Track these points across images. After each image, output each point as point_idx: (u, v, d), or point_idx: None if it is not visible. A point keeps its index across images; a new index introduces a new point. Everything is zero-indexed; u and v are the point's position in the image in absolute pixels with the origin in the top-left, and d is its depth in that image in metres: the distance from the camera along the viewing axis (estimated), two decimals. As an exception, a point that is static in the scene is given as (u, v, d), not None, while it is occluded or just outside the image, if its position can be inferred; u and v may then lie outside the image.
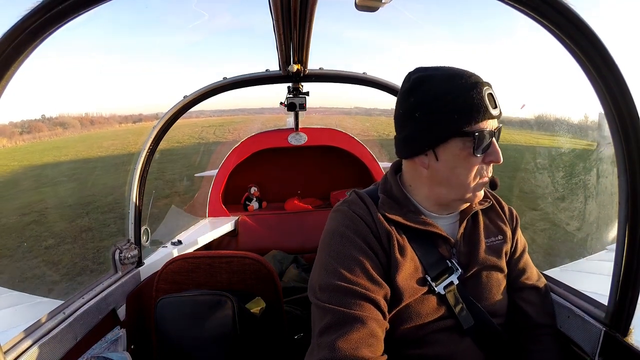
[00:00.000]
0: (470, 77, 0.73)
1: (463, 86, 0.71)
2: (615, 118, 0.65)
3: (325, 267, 0.72)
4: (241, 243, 2.31)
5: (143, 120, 48.62)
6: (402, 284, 0.73)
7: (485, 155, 0.74)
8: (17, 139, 32.31)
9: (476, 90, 0.71)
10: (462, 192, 0.77)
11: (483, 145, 0.72)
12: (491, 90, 0.73)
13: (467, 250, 0.81)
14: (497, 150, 0.74)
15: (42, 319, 0.96)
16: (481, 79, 0.73)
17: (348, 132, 2.64)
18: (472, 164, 0.74)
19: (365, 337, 0.64)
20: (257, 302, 1.20)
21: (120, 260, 1.33)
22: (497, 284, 0.81)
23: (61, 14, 0.54)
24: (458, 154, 0.73)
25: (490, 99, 0.72)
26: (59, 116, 44.73)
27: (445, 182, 0.76)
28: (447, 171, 0.75)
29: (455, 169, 0.74)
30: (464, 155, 0.73)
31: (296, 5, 0.80)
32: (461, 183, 0.75)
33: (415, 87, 0.75)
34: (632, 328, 0.76)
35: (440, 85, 0.73)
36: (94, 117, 48.05)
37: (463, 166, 0.74)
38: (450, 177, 0.75)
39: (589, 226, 5.38)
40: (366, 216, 0.77)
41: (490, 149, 0.74)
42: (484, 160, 0.74)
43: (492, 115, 0.72)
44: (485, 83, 0.73)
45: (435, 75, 0.74)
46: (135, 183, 1.40)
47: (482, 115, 0.71)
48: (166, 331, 1.14)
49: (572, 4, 0.60)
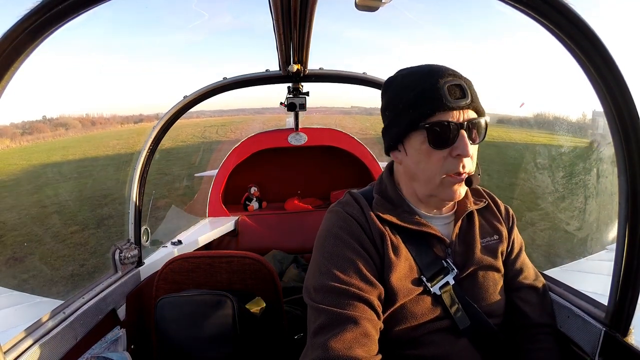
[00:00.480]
0: (431, 71, 0.73)
1: (420, 80, 0.72)
2: (616, 118, 0.65)
3: (319, 268, 0.73)
4: (241, 243, 2.31)
5: (144, 120, 48.63)
6: (396, 284, 0.73)
7: (452, 149, 0.71)
8: (20, 140, 32.35)
9: (432, 82, 0.70)
10: (431, 188, 0.76)
11: (441, 138, 0.70)
12: (458, 82, 0.71)
13: (463, 250, 0.81)
14: (464, 143, 0.70)
15: (42, 319, 0.96)
16: (445, 71, 0.72)
17: (348, 132, 2.65)
18: (433, 157, 0.72)
19: (359, 336, 0.64)
20: (257, 302, 1.20)
21: (120, 260, 1.33)
22: (493, 284, 0.81)
23: (61, 14, 0.54)
24: (419, 147, 0.73)
25: (452, 90, 0.70)
26: (60, 117, 44.79)
27: (415, 177, 0.77)
28: (414, 166, 0.76)
29: (419, 164, 0.75)
30: (425, 149, 0.72)
31: (296, 5, 0.80)
32: (427, 178, 0.75)
33: (386, 87, 0.80)
34: (632, 328, 0.76)
35: (402, 82, 0.76)
36: (95, 118, 48.12)
37: (425, 160, 0.73)
38: (417, 172, 0.76)
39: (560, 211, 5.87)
40: (359, 217, 0.77)
41: (456, 142, 0.70)
42: (451, 154, 0.71)
43: (451, 107, 0.69)
44: (447, 74, 0.71)
45: (402, 74, 0.77)
46: (135, 183, 1.40)
47: (437, 107, 0.69)
48: (166, 331, 1.14)
49: (572, 4, 0.60)
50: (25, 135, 33.10)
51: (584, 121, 13.58)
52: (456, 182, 0.74)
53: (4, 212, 8.88)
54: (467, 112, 0.71)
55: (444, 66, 0.74)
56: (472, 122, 0.71)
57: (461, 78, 0.72)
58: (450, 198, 0.76)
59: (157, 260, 1.55)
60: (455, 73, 0.73)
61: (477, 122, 0.72)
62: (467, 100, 0.71)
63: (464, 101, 0.70)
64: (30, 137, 34.12)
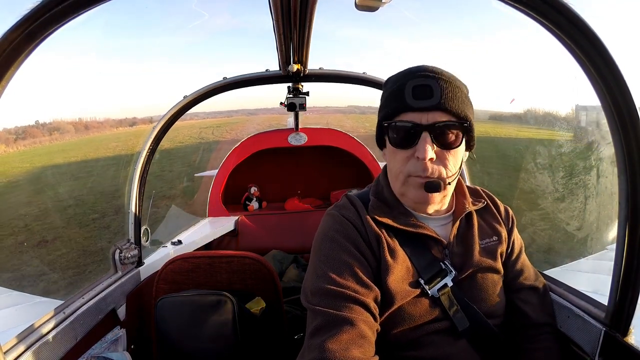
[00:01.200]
0: (408, 72, 0.74)
1: (396, 80, 0.74)
2: (615, 118, 0.65)
3: (315, 271, 0.73)
4: (241, 243, 2.31)
5: (138, 123, 48.44)
6: (393, 287, 0.73)
7: (414, 150, 0.71)
8: (19, 144, 32.38)
9: (398, 84, 0.72)
10: (398, 186, 0.78)
11: (400, 138, 0.72)
12: (426, 82, 0.69)
13: (461, 251, 0.81)
14: (423, 147, 0.68)
15: (42, 319, 0.96)
16: (416, 72, 0.72)
17: (348, 132, 2.65)
18: (398, 157, 0.74)
19: (355, 338, 0.64)
20: (257, 302, 1.20)
21: (121, 260, 1.33)
22: (492, 286, 0.81)
23: (61, 14, 0.54)
24: (389, 147, 0.76)
25: (417, 91, 0.69)
26: (53, 121, 44.70)
27: (390, 175, 0.81)
28: (388, 164, 0.80)
29: (390, 162, 0.78)
30: (391, 149, 0.75)
31: (296, 5, 0.80)
32: (394, 176, 0.77)
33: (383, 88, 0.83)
34: (632, 328, 0.75)
35: (387, 83, 0.79)
36: (88, 122, 47.98)
37: (392, 159, 0.76)
38: (390, 170, 0.79)
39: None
40: (356, 220, 0.78)
41: (417, 144, 0.70)
42: (414, 155, 0.71)
43: (412, 107, 0.69)
44: (418, 75, 0.70)
45: (391, 76, 0.80)
46: (135, 183, 1.40)
47: (399, 108, 0.71)
48: (166, 331, 1.14)
49: (572, 4, 0.60)
50: (19, 141, 33.13)
51: (572, 116, 14.14)
52: (419, 185, 0.73)
53: (23, 207, 9.54)
54: (434, 114, 0.69)
55: (424, 66, 0.73)
56: (438, 125, 0.69)
57: (434, 78, 0.69)
58: (419, 199, 0.76)
59: (157, 260, 1.56)
60: (428, 74, 0.70)
61: (445, 125, 0.70)
62: (434, 101, 0.69)
63: (429, 102, 0.69)
64: (26, 141, 34.18)
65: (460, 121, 0.71)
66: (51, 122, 43.80)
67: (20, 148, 31.30)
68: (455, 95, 0.71)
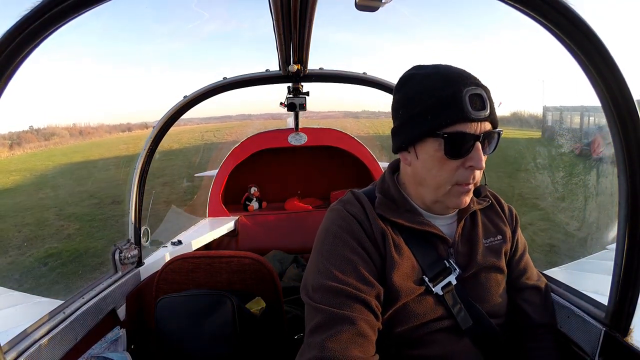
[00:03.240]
0: (452, 76, 0.70)
1: (440, 85, 0.69)
2: (615, 118, 0.65)
3: (317, 267, 0.73)
4: (241, 243, 2.31)
5: (132, 129, 48.23)
6: (398, 284, 0.73)
7: (465, 160, 0.70)
8: (25, 147, 32.53)
9: (453, 90, 0.68)
10: (438, 195, 0.75)
11: (458, 149, 0.69)
12: (479, 92, 0.68)
13: (466, 250, 0.81)
14: (479, 157, 0.69)
15: (42, 319, 0.96)
16: (467, 79, 0.69)
17: (348, 132, 2.65)
18: (446, 166, 0.71)
19: (355, 337, 0.64)
20: (257, 302, 1.20)
21: (120, 260, 1.33)
22: (496, 285, 0.81)
23: (61, 14, 0.54)
24: (433, 154, 0.72)
25: (473, 101, 0.68)
26: (48, 127, 44.59)
27: (424, 181, 0.76)
28: (425, 171, 0.74)
29: (431, 170, 0.73)
30: (439, 157, 0.71)
31: (296, 5, 0.80)
32: (437, 185, 0.74)
33: (401, 84, 0.77)
34: (632, 328, 0.75)
35: (419, 83, 0.73)
36: (82, 128, 47.80)
37: (437, 168, 0.72)
38: (427, 178, 0.75)
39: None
40: (361, 216, 0.77)
41: (470, 153, 0.69)
42: (464, 165, 0.71)
43: (472, 118, 0.67)
44: (469, 82, 0.69)
45: (419, 74, 0.75)
46: (135, 183, 1.40)
47: (457, 117, 0.67)
48: (166, 331, 1.14)
49: (572, 4, 0.60)
50: (13, 146, 33.17)
51: (548, 117, 16.91)
52: (464, 192, 0.74)
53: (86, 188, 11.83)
54: (484, 124, 0.70)
55: (465, 71, 0.72)
56: (487, 134, 0.70)
57: (482, 87, 0.70)
58: (457, 206, 0.76)
59: (157, 260, 1.55)
60: (476, 81, 0.70)
61: (492, 134, 0.71)
62: (487, 112, 0.69)
63: (484, 113, 0.68)
64: (33, 144, 34.32)
65: (499, 130, 0.73)
66: (45, 128, 43.84)
67: (28, 150, 31.69)
68: (494, 103, 0.72)
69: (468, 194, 0.75)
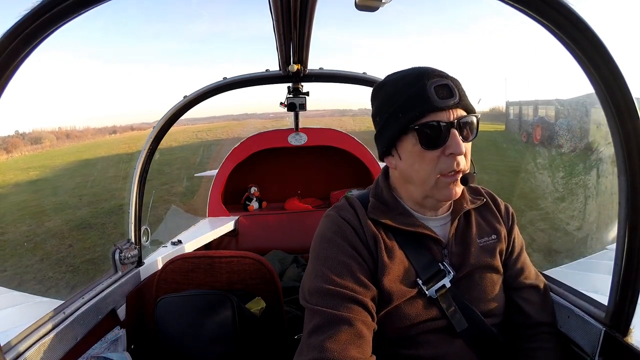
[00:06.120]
0: (418, 74, 0.73)
1: (407, 83, 0.73)
2: (615, 118, 0.65)
3: (314, 271, 0.74)
4: (241, 243, 2.31)
5: (118, 131, 47.86)
6: (390, 286, 0.73)
7: (445, 148, 0.71)
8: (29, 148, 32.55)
9: (418, 85, 0.71)
10: (426, 189, 0.76)
11: (432, 139, 0.71)
12: (444, 82, 0.72)
13: (459, 251, 0.81)
14: (456, 142, 0.70)
15: (42, 319, 0.96)
16: (431, 73, 0.73)
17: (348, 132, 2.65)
18: (427, 158, 0.73)
19: (353, 337, 0.65)
20: (257, 302, 1.20)
21: (120, 260, 1.33)
22: (491, 285, 0.81)
23: (61, 13, 0.54)
24: (412, 150, 0.74)
25: (438, 91, 0.71)
26: (33, 131, 44.38)
27: (410, 179, 0.77)
28: (409, 168, 0.76)
29: (413, 165, 0.75)
30: (417, 151, 0.73)
31: (296, 5, 0.80)
32: (422, 179, 0.75)
33: (375, 93, 0.82)
34: (632, 328, 0.75)
35: (391, 87, 0.77)
36: (68, 131, 47.37)
37: (419, 161, 0.74)
38: (412, 174, 0.76)
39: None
40: (354, 221, 0.78)
41: (448, 141, 0.71)
42: (444, 153, 0.72)
43: (439, 107, 0.70)
44: (433, 76, 0.72)
45: (389, 80, 0.78)
46: (135, 183, 1.40)
47: (424, 109, 0.70)
48: (166, 331, 1.14)
49: (572, 4, 0.60)
50: (9, 149, 33.14)
51: (510, 111, 18.94)
52: (451, 182, 0.74)
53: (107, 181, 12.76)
54: (456, 111, 0.72)
55: (431, 67, 0.75)
56: (462, 120, 0.72)
57: (448, 78, 0.73)
58: (447, 198, 0.76)
59: (157, 260, 1.55)
60: (441, 73, 0.74)
61: (468, 120, 0.73)
62: (455, 99, 0.72)
63: (452, 100, 0.71)
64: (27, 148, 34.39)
65: (475, 115, 0.75)
66: (31, 132, 43.72)
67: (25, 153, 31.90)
68: (465, 92, 0.75)
69: (456, 184, 0.75)
